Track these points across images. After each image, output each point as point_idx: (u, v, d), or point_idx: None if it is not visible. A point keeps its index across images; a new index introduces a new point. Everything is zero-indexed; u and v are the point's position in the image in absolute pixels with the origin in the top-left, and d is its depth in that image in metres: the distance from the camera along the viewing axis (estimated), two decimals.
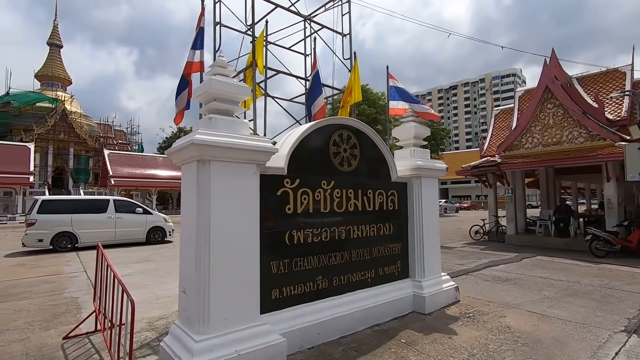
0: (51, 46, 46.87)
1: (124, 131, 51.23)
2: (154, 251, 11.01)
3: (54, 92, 43.51)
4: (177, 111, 4.04)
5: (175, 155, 3.22)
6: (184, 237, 3.23)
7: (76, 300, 5.47)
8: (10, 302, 5.38)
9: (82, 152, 42.28)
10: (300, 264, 3.72)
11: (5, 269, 8.31)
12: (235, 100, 3.32)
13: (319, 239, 3.90)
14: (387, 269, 4.64)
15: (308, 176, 3.84)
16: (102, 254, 3.94)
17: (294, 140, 3.69)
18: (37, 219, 10.66)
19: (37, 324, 4.37)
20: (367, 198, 4.45)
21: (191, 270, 3.00)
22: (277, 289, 3.50)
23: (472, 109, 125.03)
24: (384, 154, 4.68)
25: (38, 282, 6.81)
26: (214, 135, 2.92)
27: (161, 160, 43.31)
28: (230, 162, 3.06)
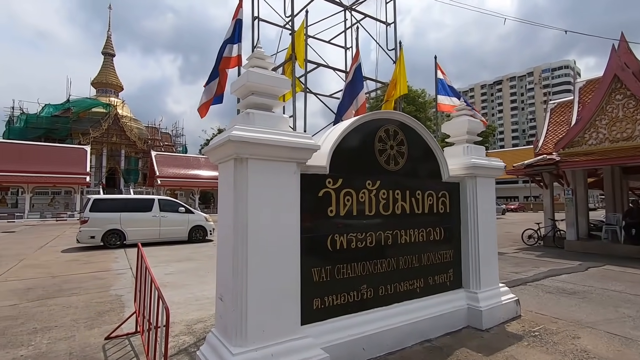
0: (105, 55, 50.31)
1: (169, 133, 53.82)
2: (194, 250, 11.22)
3: (108, 98, 46.62)
4: (201, 103, 3.89)
5: (213, 154, 3.04)
6: (220, 241, 3.05)
7: (120, 298, 5.56)
8: (61, 298, 5.58)
9: (132, 153, 44.94)
10: (344, 271, 3.41)
11: (61, 264, 8.79)
12: (274, 94, 3.09)
13: (363, 244, 3.57)
14: (438, 278, 4.20)
15: (351, 176, 3.52)
16: (141, 255, 3.89)
17: (337, 137, 3.39)
18: (89, 216, 11.27)
19: (82, 322, 4.43)
20: (416, 200, 4.05)
21: (228, 276, 2.80)
22: (318, 298, 3.22)
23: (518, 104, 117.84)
24: (434, 151, 4.26)
25: (88, 278, 7.08)
26: (252, 132, 2.70)
27: (203, 160, 44.95)
28: (269, 160, 2.83)
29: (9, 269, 8.15)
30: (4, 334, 4.05)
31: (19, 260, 9.39)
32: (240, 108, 3.21)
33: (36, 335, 3.99)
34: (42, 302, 5.31)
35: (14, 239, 15.33)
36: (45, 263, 8.98)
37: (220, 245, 3.06)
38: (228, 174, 2.86)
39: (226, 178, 2.92)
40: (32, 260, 9.40)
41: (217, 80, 3.72)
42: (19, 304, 5.27)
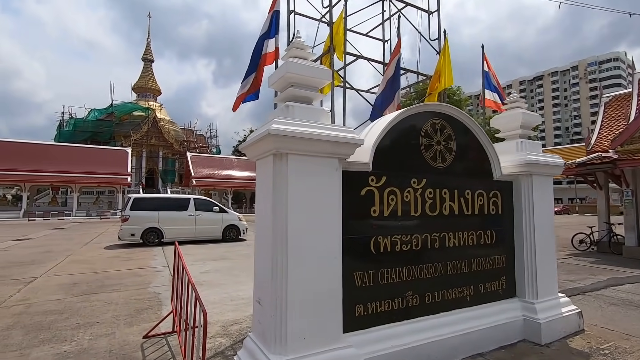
0: (145, 61, 52.78)
1: (204, 135, 55.57)
2: (228, 249, 11.33)
3: (147, 102, 48.89)
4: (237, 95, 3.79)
5: (250, 149, 2.90)
6: (258, 241, 2.90)
7: (158, 296, 5.61)
8: (103, 294, 5.72)
9: (169, 155, 46.80)
10: (388, 276, 3.16)
11: (104, 260, 9.14)
12: (314, 86, 2.90)
13: (408, 247, 3.30)
14: (490, 286, 3.85)
15: (396, 173, 3.27)
16: (178, 254, 3.84)
17: (380, 131, 3.16)
18: (130, 215, 11.69)
19: (122, 319, 4.47)
20: (465, 200, 3.73)
21: (266, 279, 2.64)
22: (361, 304, 3.00)
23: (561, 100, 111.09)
24: (484, 147, 3.91)
25: (128, 275, 7.27)
26: (292, 125, 2.53)
27: (236, 161, 46.00)
28: (310, 156, 2.64)
29: (57, 264, 8.56)
30: (50, 328, 4.15)
31: (66, 256, 9.88)
32: (278, 102, 3.05)
33: (79, 331, 4.06)
34: (85, 298, 5.46)
35: (63, 236, 16.29)
36: (89, 259, 9.38)
37: (258, 246, 2.91)
38: (266, 171, 2.71)
39: (264, 175, 2.77)
40: (78, 256, 9.86)
41: (253, 75, 3.60)
42: (65, 298, 5.45)
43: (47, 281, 6.69)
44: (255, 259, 2.96)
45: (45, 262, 8.89)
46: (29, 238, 14.97)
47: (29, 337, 3.88)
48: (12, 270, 7.83)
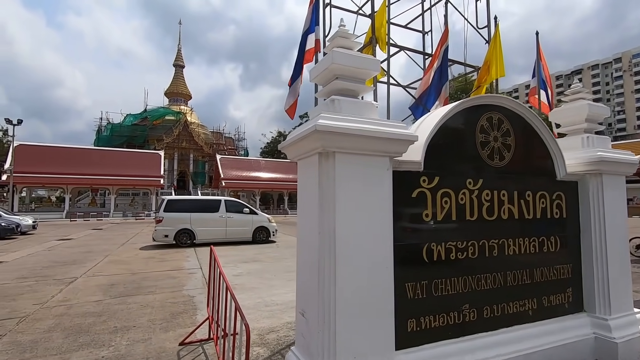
0: (176, 67, 54.54)
1: (232, 138, 56.66)
2: (259, 251, 11.27)
3: (178, 107, 50.45)
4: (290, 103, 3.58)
5: (292, 148, 2.69)
6: (301, 248, 2.68)
7: (192, 299, 5.54)
8: (139, 296, 5.73)
9: (199, 157, 48.03)
10: (442, 287, 2.85)
11: (140, 261, 9.31)
12: (361, 78, 2.65)
13: (464, 255, 2.98)
14: (554, 299, 3.43)
15: (449, 173, 2.96)
16: (215, 259, 3.70)
17: (432, 127, 2.85)
18: (163, 216, 11.90)
19: (158, 324, 4.40)
20: (525, 202, 3.34)
21: (312, 290, 2.41)
22: (413, 318, 2.70)
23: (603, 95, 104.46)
24: (546, 144, 3.50)
25: (163, 276, 7.31)
26: (340, 120, 2.29)
27: (263, 163, 46.54)
28: (359, 155, 2.39)
29: (96, 264, 8.79)
30: (89, 331, 4.13)
31: (104, 256, 10.16)
32: (320, 96, 2.82)
33: (116, 335, 4.01)
34: (122, 300, 5.48)
35: (102, 236, 16.93)
36: (126, 259, 9.58)
37: (301, 253, 2.69)
38: (311, 172, 2.48)
39: (308, 176, 2.54)
40: (115, 257, 10.11)
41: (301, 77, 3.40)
42: (103, 300, 5.49)
43: (87, 281, 6.83)
44: (297, 267, 2.75)
45: (85, 262, 9.16)
46: (71, 238, 15.65)
47: (69, 340, 3.86)
48: (55, 270, 8.09)
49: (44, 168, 32.50)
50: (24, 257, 10.22)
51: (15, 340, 3.86)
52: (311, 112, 2.69)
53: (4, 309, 5.03)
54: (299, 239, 2.74)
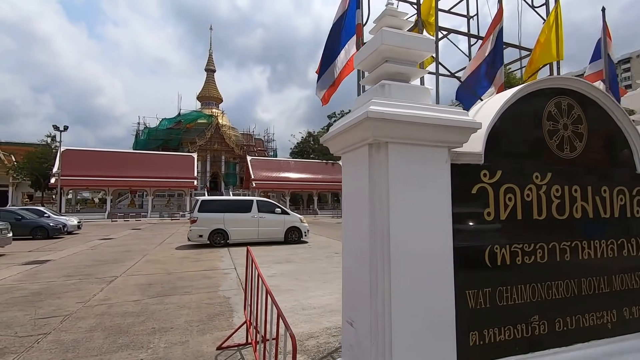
0: (207, 72, 56.06)
1: (262, 139, 57.44)
2: (291, 251, 11.15)
3: (210, 110, 51.80)
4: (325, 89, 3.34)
5: (336, 141, 2.45)
6: (349, 251, 2.43)
7: (228, 301, 5.45)
8: (176, 296, 5.72)
9: (230, 159, 49.04)
10: (507, 296, 2.51)
11: (176, 261, 9.44)
12: (413, 60, 2.38)
13: (531, 259, 2.61)
14: (637, 310, 2.97)
15: (513, 166, 2.61)
16: (252, 261, 3.54)
17: (494, 114, 2.52)
18: (198, 216, 12.07)
19: (195, 325, 4.32)
20: (601, 199, 2.91)
21: (362, 297, 2.16)
22: (476, 331, 2.38)
23: None
24: (625, 133, 3.05)
25: (198, 276, 7.32)
26: (393, 107, 2.02)
27: (293, 163, 46.79)
28: (414, 146, 2.12)
29: (135, 263, 9.01)
30: (128, 332, 4.11)
31: (142, 255, 10.42)
32: (367, 83, 2.57)
33: (154, 337, 3.95)
34: (160, 300, 5.48)
35: (140, 236, 17.54)
36: (162, 259, 9.77)
37: (348, 256, 2.45)
38: (360, 165, 2.23)
39: (356, 170, 2.29)
40: (152, 256, 10.34)
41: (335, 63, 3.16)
42: (141, 299, 5.52)
43: (126, 280, 6.95)
44: (344, 271, 2.51)
45: (125, 261, 9.42)
46: (111, 238, 16.32)
47: (109, 340, 3.84)
48: (97, 268, 8.35)
49: (88, 171, 34.38)
50: (70, 255, 10.69)
51: (59, 339, 3.89)
52: (358, 100, 2.45)
53: (50, 307, 5.17)
54: (345, 240, 2.50)
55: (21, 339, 3.91)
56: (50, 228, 16.14)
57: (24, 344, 3.78)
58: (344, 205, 2.51)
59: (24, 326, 4.33)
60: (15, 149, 40.63)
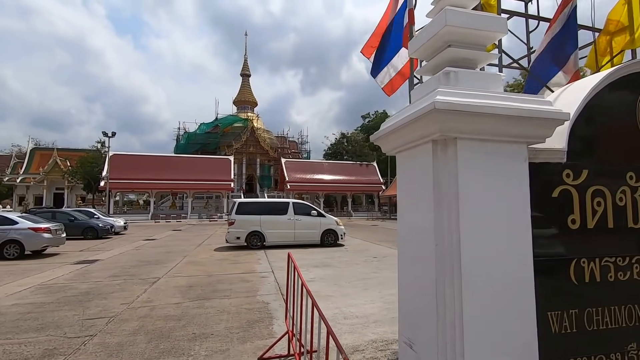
0: (243, 76, 57.48)
1: (295, 141, 57.90)
2: (328, 255, 10.93)
3: (246, 114, 53.02)
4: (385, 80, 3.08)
5: (391, 138, 2.18)
6: (407, 262, 2.15)
7: (267, 306, 5.32)
8: (215, 300, 5.68)
9: (265, 161, 49.86)
10: (598, 319, 2.11)
11: (215, 263, 9.54)
12: (481, 43, 2.06)
13: (626, 275, 2.19)
14: None
15: (602, 165, 2.20)
16: (294, 268, 3.35)
17: (578, 104, 2.13)
18: (235, 219, 12.18)
19: (235, 332, 4.20)
20: None
21: (425, 316, 1.88)
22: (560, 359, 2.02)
23: None
24: None
25: (236, 279, 7.29)
26: (464, 96, 1.73)
27: (327, 165, 46.72)
28: (487, 142, 1.81)
29: (176, 265, 9.19)
30: (169, 337, 4.06)
31: (183, 257, 10.66)
32: (426, 72, 2.28)
33: (195, 343, 3.87)
34: (200, 304, 5.46)
35: (180, 237, 18.12)
36: (202, 261, 9.91)
37: (406, 267, 2.17)
38: (421, 165, 1.95)
39: (417, 171, 2.01)
40: (192, 257, 10.54)
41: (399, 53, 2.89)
42: (182, 302, 5.53)
43: (168, 282, 7.06)
44: (401, 285, 2.23)
45: (167, 262, 9.65)
46: (154, 238, 16.97)
47: (151, 345, 3.81)
48: (141, 269, 8.60)
49: (133, 175, 36.32)
50: (116, 255, 11.16)
51: (104, 342, 3.91)
52: (415, 93, 2.16)
53: (97, 307, 5.29)
54: (402, 248, 2.22)
55: (69, 340, 3.98)
56: (99, 229, 17.08)
57: (72, 345, 3.83)
58: (400, 209, 2.24)
59: (72, 327, 4.43)
60: (70, 154, 43.81)
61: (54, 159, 41.06)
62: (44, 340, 4.00)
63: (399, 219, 2.25)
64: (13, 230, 10.47)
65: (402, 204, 2.20)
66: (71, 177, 39.75)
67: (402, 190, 2.20)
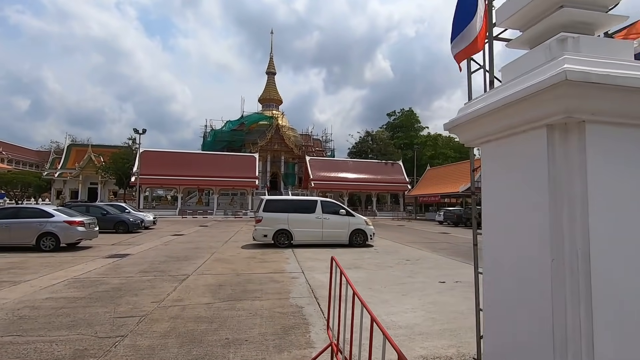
0: (268, 75, 57.75)
1: (320, 139, 57.66)
2: (357, 255, 10.54)
3: (271, 111, 53.24)
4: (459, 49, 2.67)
5: (482, 123, 1.77)
6: (498, 280, 1.74)
7: (301, 311, 5.00)
8: (247, 301, 5.43)
9: (289, 159, 49.91)
10: None
11: (242, 261, 9.36)
12: (602, 4, 1.63)
13: None
14: None
15: None
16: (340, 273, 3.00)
17: None
18: (263, 216, 12.00)
19: (270, 339, 3.91)
20: None
21: (535, 353, 1.48)
22: None
23: None
24: None
25: (266, 279, 7.04)
26: (597, 66, 1.31)
27: (351, 164, 46.20)
28: (624, 126, 1.38)
29: (204, 262, 9.08)
30: (202, 341, 3.82)
31: (211, 253, 10.57)
32: (522, 44, 1.85)
33: (229, 350, 3.60)
34: (231, 305, 5.22)
35: (207, 233, 18.23)
36: (230, 258, 9.76)
37: (497, 290, 1.76)
38: (529, 158, 1.54)
39: (521, 165, 1.60)
40: (220, 255, 10.43)
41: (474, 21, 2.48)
42: (213, 303, 5.31)
43: (197, 280, 6.90)
44: (488, 301, 1.83)
45: (195, 258, 9.57)
46: (182, 234, 17.15)
47: (183, 351, 3.57)
48: (170, 265, 8.54)
49: (162, 171, 37.22)
50: (146, 250, 11.24)
51: (135, 344, 3.72)
52: (512, 69, 1.74)
53: (128, 305, 5.16)
54: (492, 268, 1.81)
55: (100, 341, 3.81)
56: (130, 223, 17.44)
57: (103, 346, 3.66)
58: (488, 212, 1.83)
59: (103, 325, 4.29)
60: (103, 151, 45.51)
61: (89, 155, 42.74)
62: (75, 339, 3.86)
63: (486, 227, 1.85)
64: (49, 222, 10.73)
65: (492, 207, 1.80)
66: (104, 172, 41.24)
67: (493, 189, 1.80)
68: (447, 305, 5.39)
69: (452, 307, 5.25)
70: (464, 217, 26.27)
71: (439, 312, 5.04)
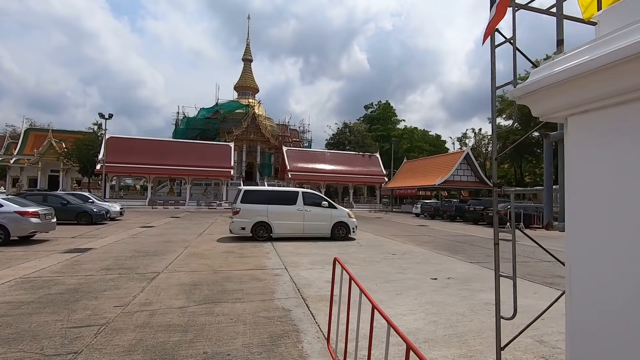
0: (245, 62, 55.91)
1: (296, 130, 56.74)
2: (341, 250, 10.11)
3: (247, 100, 51.67)
4: None
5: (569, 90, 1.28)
6: (594, 278, 1.27)
7: (289, 315, 4.47)
8: (226, 304, 4.83)
9: (266, 149, 48.79)
10: None
11: (219, 256, 8.69)
12: None
13: None
14: None
15: None
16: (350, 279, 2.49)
17: None
18: (241, 207, 11.30)
19: (257, 353, 3.35)
20: None
21: None
22: None
23: None
24: None
25: (246, 277, 6.44)
26: None
27: (329, 155, 45.81)
28: None
29: (177, 257, 8.34)
30: (174, 357, 3.21)
31: (184, 247, 9.80)
32: None
33: None
34: (208, 309, 4.60)
35: (180, 224, 17.25)
36: (205, 253, 9.06)
37: (593, 303, 1.28)
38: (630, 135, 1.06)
39: (629, 142, 1.12)
40: (194, 249, 9.69)
41: None
42: (187, 307, 4.67)
43: (168, 278, 6.21)
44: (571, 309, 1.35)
45: (166, 253, 8.79)
46: (152, 226, 16.10)
47: None
48: (137, 261, 7.74)
49: (131, 159, 35.24)
50: (111, 244, 10.30)
51: None
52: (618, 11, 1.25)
53: (85, 311, 4.44)
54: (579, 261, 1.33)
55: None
56: (94, 214, 16.18)
57: None
58: (573, 202, 1.35)
59: (52, 338, 3.57)
60: (65, 136, 42.58)
61: (49, 141, 39.86)
62: (14, 358, 3.14)
63: (571, 215, 1.37)
64: None
65: (588, 201, 1.31)
66: (66, 159, 38.63)
67: (589, 176, 1.31)
68: (446, 305, 5.02)
69: (451, 308, 4.89)
70: (441, 210, 26.58)
71: (438, 314, 4.66)
